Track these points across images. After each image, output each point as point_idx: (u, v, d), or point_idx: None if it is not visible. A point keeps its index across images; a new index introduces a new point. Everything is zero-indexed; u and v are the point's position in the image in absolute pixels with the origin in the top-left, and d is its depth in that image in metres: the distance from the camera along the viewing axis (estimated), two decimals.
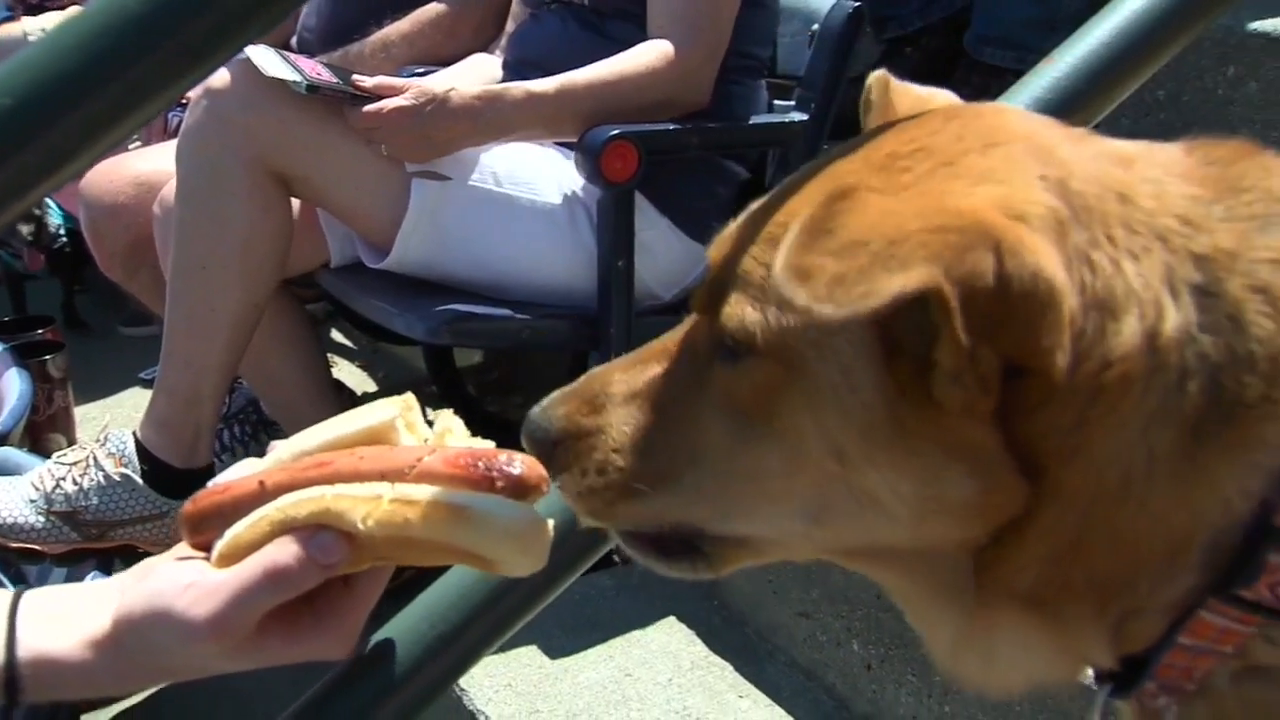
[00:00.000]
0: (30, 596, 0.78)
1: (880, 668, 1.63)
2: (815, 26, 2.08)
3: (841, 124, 2.07)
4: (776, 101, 2.15)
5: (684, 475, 0.69)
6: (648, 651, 1.84)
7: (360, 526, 0.69)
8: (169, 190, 2.05)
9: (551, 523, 0.71)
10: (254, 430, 2.43)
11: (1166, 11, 1.10)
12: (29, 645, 0.75)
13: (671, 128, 1.94)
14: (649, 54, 1.95)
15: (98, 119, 0.60)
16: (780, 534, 0.69)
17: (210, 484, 0.76)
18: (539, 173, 2.02)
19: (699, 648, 1.85)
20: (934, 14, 2.52)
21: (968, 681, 0.70)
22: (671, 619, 1.91)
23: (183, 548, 0.77)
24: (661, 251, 2.03)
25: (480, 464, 0.69)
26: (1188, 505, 0.61)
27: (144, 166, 2.23)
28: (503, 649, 1.85)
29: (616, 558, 2.18)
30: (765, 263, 0.65)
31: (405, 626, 0.80)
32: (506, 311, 1.98)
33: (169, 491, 2.07)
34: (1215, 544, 0.61)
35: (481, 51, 2.44)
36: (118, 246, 2.27)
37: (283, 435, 1.22)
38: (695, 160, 2.04)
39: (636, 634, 1.88)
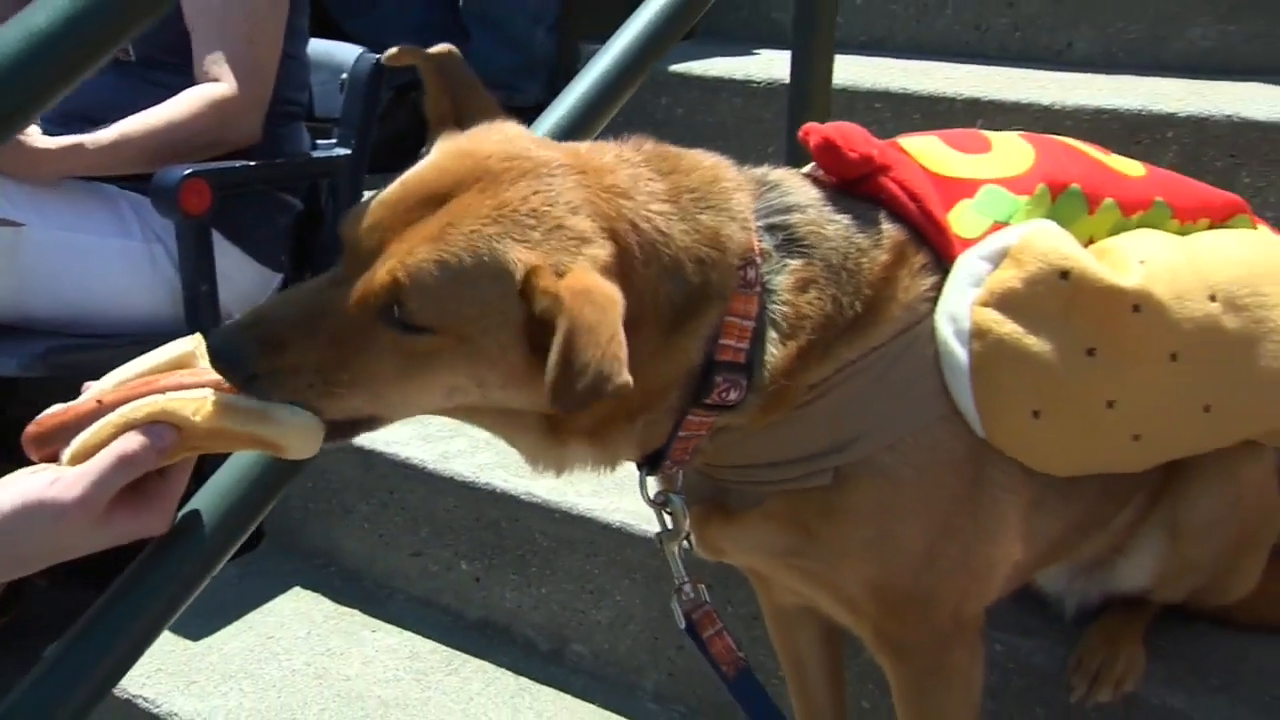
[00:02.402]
0: None
1: (487, 576, 2.03)
2: (344, 75, 2.46)
3: (376, 154, 2.47)
4: (318, 141, 2.49)
5: (364, 388, 0.98)
6: (282, 617, 2.10)
7: (192, 419, 0.96)
8: None
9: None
10: None
11: (623, 70, 1.65)
12: None
13: (239, 165, 2.22)
14: (199, 100, 2.21)
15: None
16: (418, 411, 1.03)
17: (47, 411, 1.00)
18: (116, 214, 2.21)
19: (327, 604, 2.14)
20: None
21: (547, 474, 1.12)
22: (296, 589, 2.18)
23: (28, 469, 0.98)
24: (236, 278, 2.29)
25: None
26: (671, 363, 1.05)
27: None
28: None
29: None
30: (442, 279, 0.94)
31: (204, 503, 1.09)
32: (99, 341, 2.15)
33: None
34: (690, 378, 1.07)
35: None
36: None
37: None
38: (258, 195, 2.33)
39: (267, 606, 2.13)
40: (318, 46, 2.53)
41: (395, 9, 2.97)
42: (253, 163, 2.26)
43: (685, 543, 1.24)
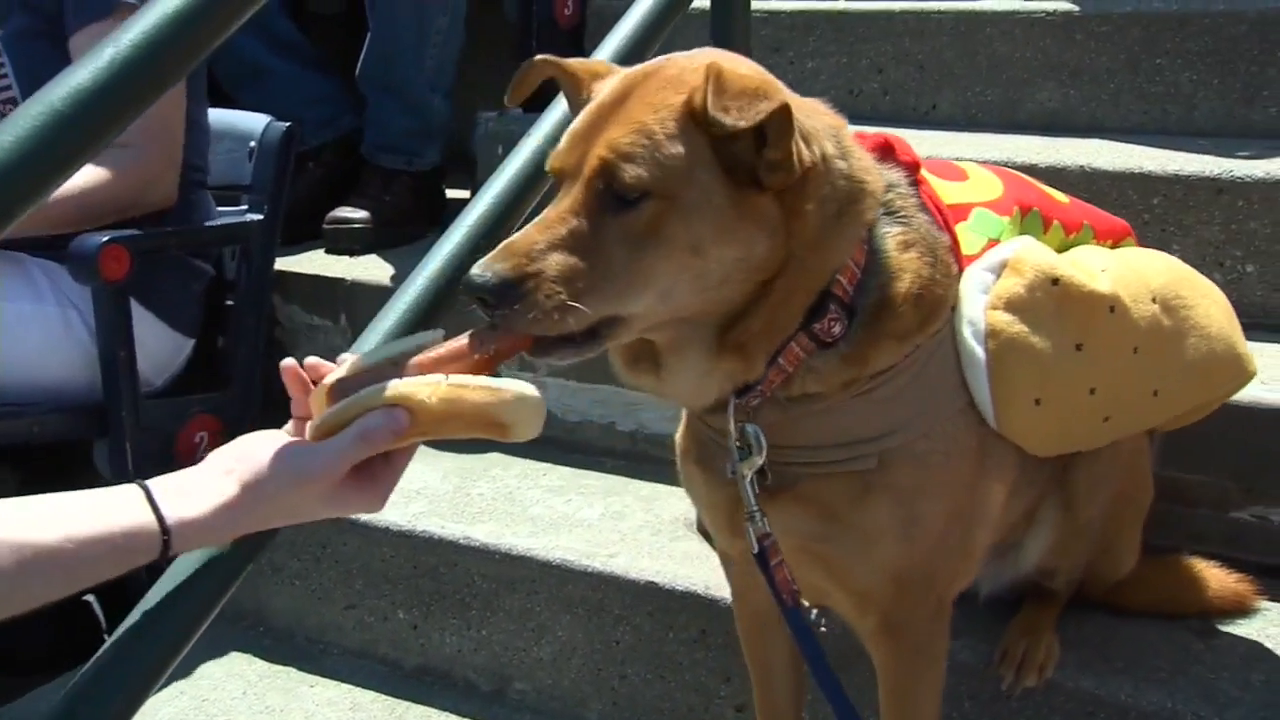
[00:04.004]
0: (155, 483, 1.05)
1: (425, 623, 2.08)
2: (253, 143, 2.50)
3: (284, 220, 2.52)
4: (224, 208, 2.52)
5: (601, 286, 1.09)
6: (214, 680, 2.10)
7: (427, 402, 1.04)
8: None
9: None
10: None
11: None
12: (171, 515, 1.03)
13: (155, 231, 2.24)
14: (115, 167, 2.22)
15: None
16: (644, 309, 1.12)
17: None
18: (28, 280, 2.20)
19: (260, 664, 2.14)
20: (327, 135, 3.05)
21: (681, 401, 1.24)
22: (226, 652, 2.17)
23: (269, 433, 1.11)
24: (151, 343, 2.30)
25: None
26: (836, 253, 1.17)
27: None
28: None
29: None
30: (641, 144, 1.09)
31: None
32: (12, 409, 2.13)
33: None
34: (814, 298, 1.18)
35: None
36: None
37: None
38: (170, 260, 2.34)
39: (197, 671, 2.12)
40: (224, 115, 2.58)
41: (285, 80, 3.01)
42: (169, 229, 2.29)
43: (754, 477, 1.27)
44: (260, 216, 2.44)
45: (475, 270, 1.07)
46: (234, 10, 1.01)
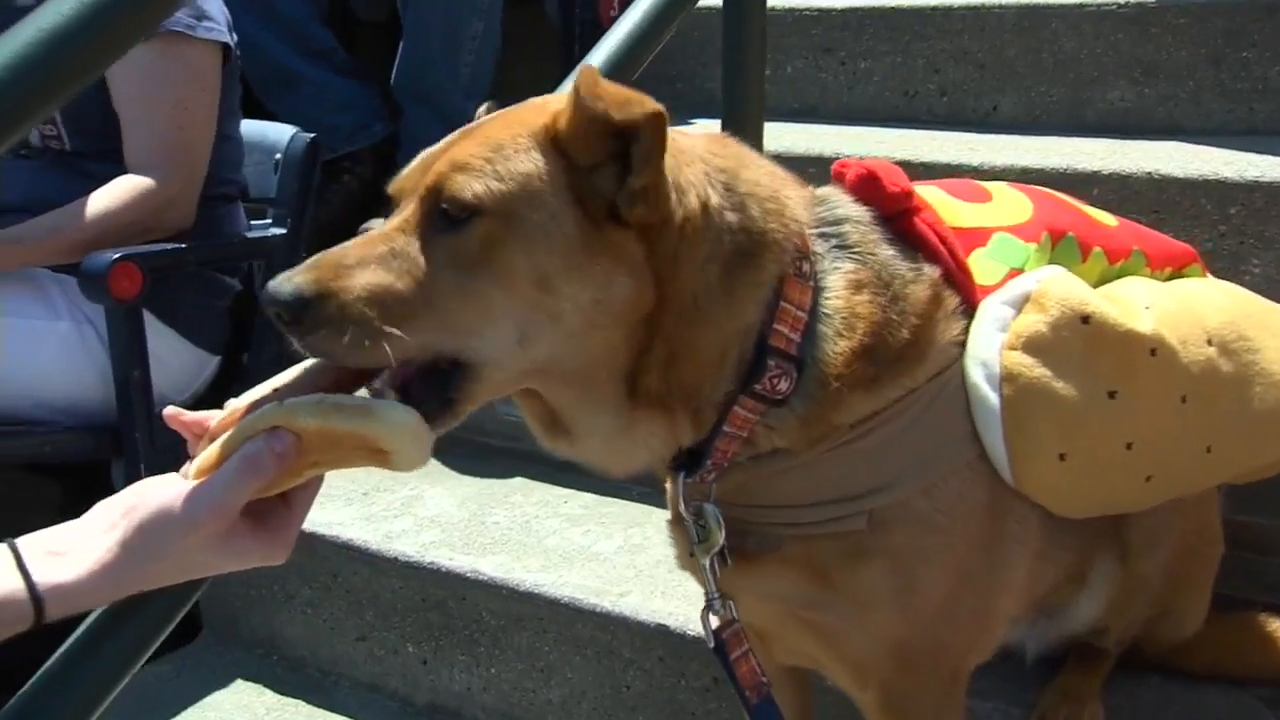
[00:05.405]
0: (25, 542, 0.96)
1: (435, 659, 1.98)
2: (278, 155, 2.43)
3: (317, 234, 2.44)
4: (252, 222, 2.46)
5: (424, 315, 0.95)
6: (222, 712, 2.03)
7: (302, 421, 0.94)
8: None
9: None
10: None
11: None
12: (44, 581, 0.93)
13: (170, 247, 2.18)
14: (130, 190, 2.17)
15: None
16: (496, 353, 0.98)
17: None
18: (44, 297, 2.16)
19: (270, 696, 2.07)
20: (360, 142, 2.97)
21: (608, 470, 1.08)
22: (237, 681, 2.11)
23: (157, 478, 0.99)
24: (171, 360, 2.25)
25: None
26: (730, 321, 1.03)
27: None
28: None
29: None
30: (484, 157, 0.97)
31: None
32: (25, 428, 2.09)
33: None
34: (742, 356, 1.04)
35: None
36: None
37: None
38: (192, 276, 2.29)
39: (207, 701, 2.05)
40: (250, 127, 2.51)
41: (317, 87, 2.94)
42: (184, 245, 2.22)
43: (714, 559, 1.15)
44: (283, 230, 2.37)
45: (274, 282, 0.94)
46: (87, 61, 0.92)
